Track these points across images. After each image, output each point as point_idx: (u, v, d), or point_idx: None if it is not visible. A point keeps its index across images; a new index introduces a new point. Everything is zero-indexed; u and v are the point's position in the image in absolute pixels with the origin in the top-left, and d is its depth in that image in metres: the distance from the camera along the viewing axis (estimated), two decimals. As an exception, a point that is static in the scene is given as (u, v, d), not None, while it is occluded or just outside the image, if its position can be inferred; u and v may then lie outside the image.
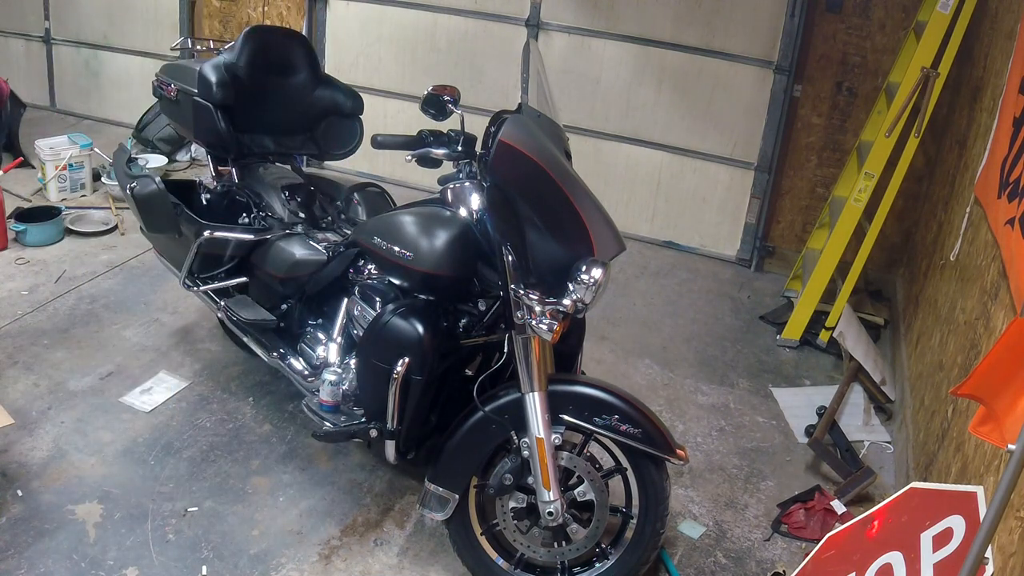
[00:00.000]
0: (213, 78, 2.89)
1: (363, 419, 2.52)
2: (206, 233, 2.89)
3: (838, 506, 2.78)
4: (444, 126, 2.43)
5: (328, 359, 2.74)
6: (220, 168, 3.11)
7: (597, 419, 2.23)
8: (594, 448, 2.41)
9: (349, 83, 3.23)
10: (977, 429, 1.48)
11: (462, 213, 2.38)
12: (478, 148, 2.37)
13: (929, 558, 1.51)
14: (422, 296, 2.44)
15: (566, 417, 2.25)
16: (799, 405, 3.45)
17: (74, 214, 4.39)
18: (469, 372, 2.53)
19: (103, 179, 4.69)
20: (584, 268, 2.08)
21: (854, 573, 1.67)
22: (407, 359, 2.32)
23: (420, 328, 2.32)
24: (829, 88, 4.27)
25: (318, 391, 2.65)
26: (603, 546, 2.41)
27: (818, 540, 2.11)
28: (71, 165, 4.56)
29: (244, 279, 3.01)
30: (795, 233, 4.59)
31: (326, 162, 4.93)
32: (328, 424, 2.57)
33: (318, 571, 2.49)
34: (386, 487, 2.82)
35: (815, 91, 4.30)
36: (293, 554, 2.53)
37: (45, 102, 5.94)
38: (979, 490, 1.49)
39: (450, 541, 2.48)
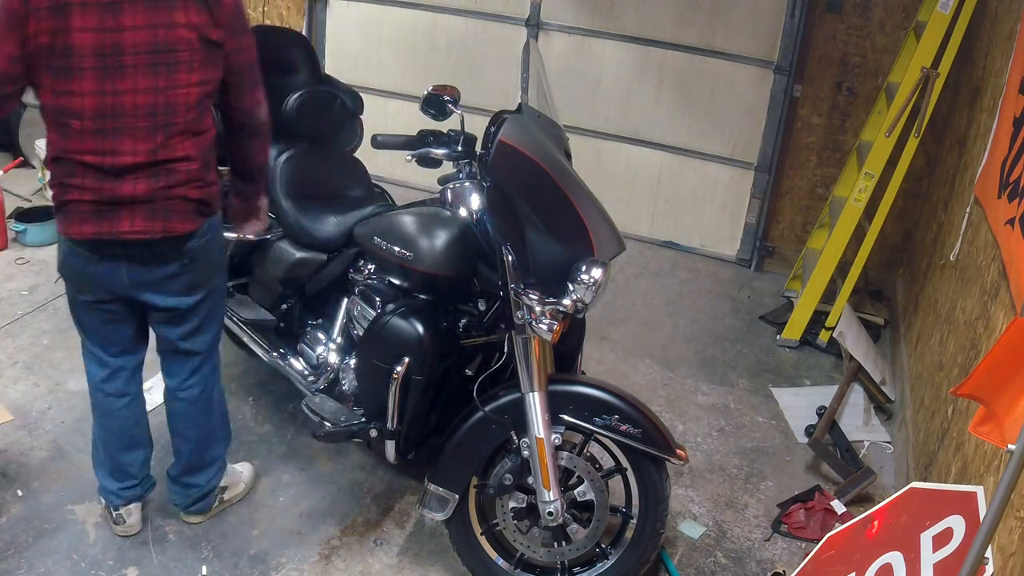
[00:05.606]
0: None
1: (363, 419, 2.53)
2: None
3: (838, 506, 2.78)
4: (444, 126, 2.43)
5: (328, 359, 2.74)
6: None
7: (597, 419, 2.23)
8: (594, 448, 2.41)
9: (349, 83, 3.23)
10: (977, 429, 1.48)
11: (462, 213, 2.38)
12: (478, 148, 2.37)
13: (929, 558, 1.51)
14: (422, 296, 2.44)
15: (566, 417, 2.24)
16: (799, 405, 3.45)
17: (74, 214, 4.38)
18: (469, 372, 2.53)
19: (103, 179, 4.68)
20: (584, 268, 2.08)
21: (854, 573, 1.67)
22: (407, 359, 2.32)
23: (420, 328, 2.32)
24: (829, 88, 4.28)
25: (318, 391, 2.65)
26: (603, 546, 2.41)
27: (818, 540, 2.11)
28: (71, 165, 4.55)
29: (244, 279, 3.01)
30: (795, 233, 4.59)
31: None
32: (328, 424, 2.57)
33: (318, 571, 2.49)
34: (386, 487, 2.82)
35: (815, 91, 4.30)
36: (293, 554, 2.53)
37: (45, 102, 5.92)
38: (979, 490, 1.49)
39: (450, 541, 2.48)
